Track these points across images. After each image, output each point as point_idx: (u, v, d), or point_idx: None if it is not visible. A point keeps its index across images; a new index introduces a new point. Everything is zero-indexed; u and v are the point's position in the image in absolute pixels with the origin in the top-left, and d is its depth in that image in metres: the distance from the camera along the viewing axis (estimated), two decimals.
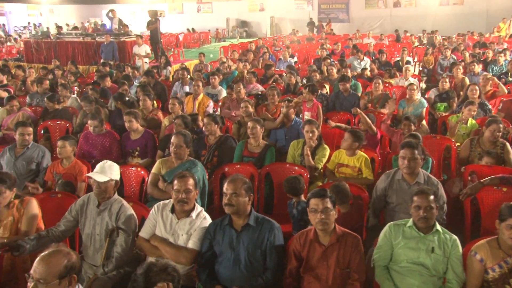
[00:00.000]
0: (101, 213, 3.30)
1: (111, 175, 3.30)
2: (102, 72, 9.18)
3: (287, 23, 29.01)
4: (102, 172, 3.29)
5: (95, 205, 3.33)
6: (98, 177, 3.25)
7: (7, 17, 25.45)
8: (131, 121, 5.16)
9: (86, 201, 3.39)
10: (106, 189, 3.28)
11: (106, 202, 3.31)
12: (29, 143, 4.72)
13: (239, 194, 2.97)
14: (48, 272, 2.11)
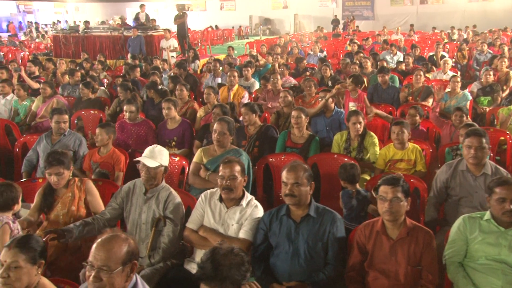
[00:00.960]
0: (148, 201, 3.10)
1: (161, 161, 3.09)
2: (131, 64, 9.06)
3: (311, 21, 28.72)
4: (152, 156, 3.08)
5: (142, 192, 3.13)
6: (148, 161, 3.05)
7: (35, 14, 25.80)
8: (169, 109, 4.97)
9: (132, 187, 3.19)
10: (155, 175, 3.07)
11: (153, 189, 3.11)
12: (65, 130, 4.56)
13: (301, 183, 2.73)
14: (111, 259, 1.92)
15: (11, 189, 2.89)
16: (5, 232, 2.77)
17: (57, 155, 3.25)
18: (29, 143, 4.93)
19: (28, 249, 2.16)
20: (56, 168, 3.20)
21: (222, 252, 1.89)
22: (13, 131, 5.59)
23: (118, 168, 4.24)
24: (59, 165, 3.21)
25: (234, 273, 1.87)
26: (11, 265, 2.11)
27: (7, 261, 2.11)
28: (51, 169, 3.20)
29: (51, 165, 3.20)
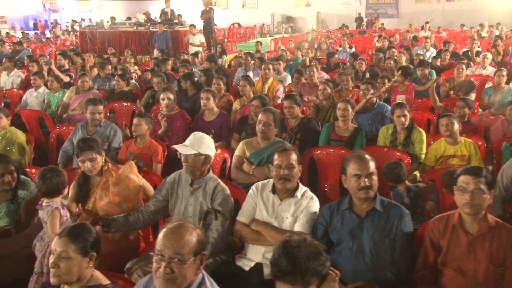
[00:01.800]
0: (194, 193, 2.90)
1: (199, 149, 2.84)
2: (159, 59, 8.96)
3: (333, 19, 28.37)
4: (190, 144, 2.87)
5: (188, 183, 2.94)
6: (183, 149, 2.85)
7: (60, 13, 26.10)
8: (208, 99, 4.80)
9: (177, 179, 3.00)
10: (194, 165, 2.84)
11: (200, 180, 2.91)
12: (100, 121, 4.44)
13: (375, 173, 2.54)
14: (183, 248, 1.75)
15: (58, 174, 2.76)
16: (55, 217, 2.64)
17: (87, 141, 3.13)
18: (64, 134, 4.81)
19: (80, 239, 2.00)
20: (88, 153, 3.05)
21: (295, 244, 1.70)
22: (46, 123, 5.50)
23: (156, 159, 4.07)
24: (90, 150, 3.06)
25: (313, 264, 1.68)
26: (61, 255, 1.95)
27: (57, 250, 1.95)
28: (83, 155, 3.05)
29: (82, 151, 3.06)
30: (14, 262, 3.14)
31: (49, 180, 2.70)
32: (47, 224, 2.63)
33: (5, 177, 3.11)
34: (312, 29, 21.53)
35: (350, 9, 27.81)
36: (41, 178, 2.72)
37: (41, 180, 2.72)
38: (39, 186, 2.76)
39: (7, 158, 3.22)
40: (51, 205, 2.66)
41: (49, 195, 2.71)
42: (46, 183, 2.70)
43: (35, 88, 6.56)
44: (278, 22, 29.64)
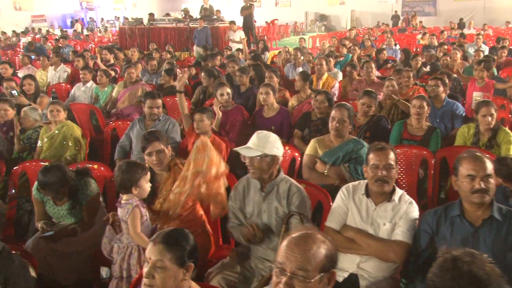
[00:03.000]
0: (266, 198, 2.62)
1: (264, 149, 2.50)
2: (207, 54, 8.78)
3: (368, 17, 27.83)
4: (253, 145, 2.54)
5: (258, 188, 2.66)
6: (247, 151, 2.53)
7: (96, 11, 26.44)
8: (268, 94, 4.54)
9: (246, 184, 2.73)
10: (261, 167, 2.53)
11: (271, 183, 2.61)
12: (158, 116, 4.24)
13: (492, 175, 2.22)
14: (309, 262, 1.47)
15: (134, 168, 2.54)
16: (136, 216, 2.43)
17: (154, 133, 2.97)
18: (118, 129, 4.65)
19: (176, 247, 1.76)
20: (156, 144, 2.85)
21: (467, 259, 1.39)
22: (97, 117, 5.36)
23: None
24: (158, 141, 2.86)
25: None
26: (156, 264, 1.71)
27: (152, 259, 1.72)
28: (151, 147, 2.85)
29: (149, 142, 2.86)
30: (79, 262, 2.97)
31: (124, 173, 2.48)
32: (128, 223, 2.42)
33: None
34: (352, 26, 21.09)
35: (386, 7, 27.19)
36: (117, 170, 2.52)
37: (116, 172, 2.52)
38: (115, 178, 2.55)
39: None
40: (131, 202, 2.45)
41: (124, 190, 2.50)
42: (120, 176, 2.50)
43: (83, 82, 6.46)
44: (312, 20, 29.27)
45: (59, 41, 12.60)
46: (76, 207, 3.02)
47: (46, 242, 2.84)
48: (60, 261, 2.86)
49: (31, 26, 21.75)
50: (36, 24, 22.56)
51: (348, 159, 3.44)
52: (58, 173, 2.83)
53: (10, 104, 4.64)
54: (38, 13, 23.35)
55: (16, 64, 9.59)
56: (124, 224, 2.47)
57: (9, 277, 2.03)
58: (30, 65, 8.35)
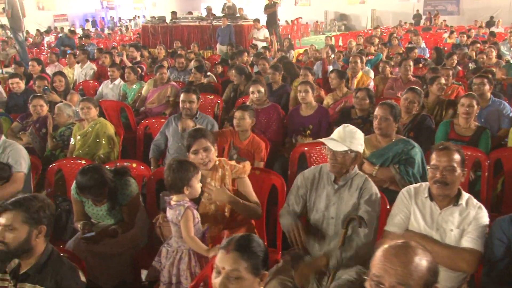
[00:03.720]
0: (338, 191, 2.51)
1: (350, 145, 2.45)
2: (238, 50, 8.66)
3: (389, 16, 27.42)
4: (340, 139, 2.47)
5: (331, 180, 2.54)
6: (334, 144, 2.45)
7: (116, 10, 26.64)
8: (307, 92, 4.38)
9: (317, 175, 2.60)
10: (343, 162, 2.46)
11: (345, 176, 2.51)
12: (192, 112, 4.07)
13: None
14: (410, 278, 1.31)
15: (186, 167, 2.39)
16: (188, 218, 2.28)
17: (200, 130, 2.81)
18: (151, 126, 4.54)
19: (251, 255, 1.61)
20: (202, 141, 2.69)
21: None
22: (127, 114, 5.26)
23: (258, 157, 3.69)
24: (204, 138, 2.70)
25: None
26: (230, 275, 1.57)
27: (226, 269, 1.57)
28: (197, 144, 2.68)
29: (196, 139, 2.69)
30: (120, 264, 2.86)
31: (175, 172, 2.34)
32: (181, 226, 2.28)
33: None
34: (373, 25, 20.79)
35: (407, 5, 26.81)
36: (168, 169, 2.38)
37: (167, 171, 2.37)
38: (165, 178, 2.41)
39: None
40: (183, 204, 2.31)
41: (174, 190, 2.35)
42: (171, 176, 2.35)
43: (111, 80, 6.39)
44: (331, 20, 28.99)
45: (82, 40, 12.61)
46: (116, 208, 2.90)
47: (87, 244, 2.72)
48: (101, 263, 2.74)
49: (53, 25, 21.95)
50: (58, 23, 22.81)
51: (398, 160, 3.26)
52: (96, 175, 2.70)
53: (44, 100, 4.57)
54: (60, 13, 23.58)
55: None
56: (174, 227, 2.33)
57: (60, 281, 1.91)
58: (57, 63, 8.33)
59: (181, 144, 3.92)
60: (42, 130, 4.47)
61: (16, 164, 3.33)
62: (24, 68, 7.39)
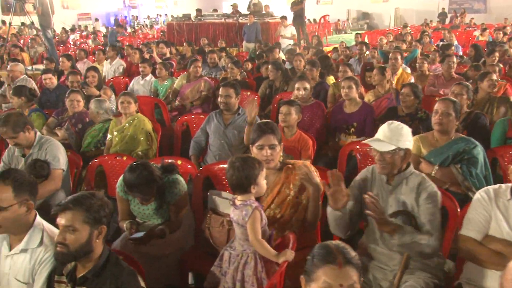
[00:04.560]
0: (394, 191, 2.31)
1: (398, 143, 2.24)
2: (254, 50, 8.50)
3: (413, 14, 26.94)
4: (386, 138, 2.26)
5: (384, 181, 2.35)
6: (380, 145, 2.25)
7: (139, 9, 26.77)
8: (350, 88, 4.18)
9: (370, 175, 2.42)
10: (393, 162, 2.25)
11: (399, 175, 2.31)
12: (232, 107, 3.89)
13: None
14: None
15: (250, 165, 2.18)
16: (256, 220, 2.09)
17: (269, 124, 2.53)
18: (190, 123, 4.40)
19: (358, 265, 1.46)
20: (270, 137, 2.45)
21: None
22: (162, 110, 5.14)
23: (306, 154, 3.51)
24: (272, 134, 2.47)
25: None
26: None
27: (344, 285, 1.41)
28: (264, 139, 2.44)
29: (263, 133, 2.45)
30: (167, 266, 2.71)
31: (240, 171, 2.15)
32: (248, 228, 2.10)
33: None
34: (404, 22, 20.39)
35: (431, 4, 26.28)
36: (231, 168, 2.19)
37: (230, 170, 2.19)
38: (229, 177, 2.23)
39: None
40: (250, 204, 2.12)
41: (240, 189, 2.17)
42: (236, 175, 2.16)
43: (142, 76, 6.29)
44: (353, 19, 28.63)
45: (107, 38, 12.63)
46: (163, 207, 2.76)
47: (134, 245, 2.58)
48: (149, 265, 2.59)
49: (77, 24, 22.14)
50: (82, 22, 22.98)
51: (459, 160, 3.04)
52: (145, 172, 2.56)
53: (81, 95, 4.47)
54: (84, 11, 23.78)
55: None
56: (239, 229, 2.15)
57: (120, 287, 1.76)
58: (85, 59, 8.29)
59: (223, 141, 3.77)
60: (78, 125, 4.37)
61: (54, 161, 3.22)
62: (55, 65, 7.36)
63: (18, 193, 1.99)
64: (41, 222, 2.07)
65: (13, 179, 2.01)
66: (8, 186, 1.99)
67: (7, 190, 1.98)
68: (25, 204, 2.02)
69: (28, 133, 3.21)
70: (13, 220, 1.97)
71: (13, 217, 1.97)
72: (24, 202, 2.01)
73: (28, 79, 6.13)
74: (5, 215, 1.95)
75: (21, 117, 3.24)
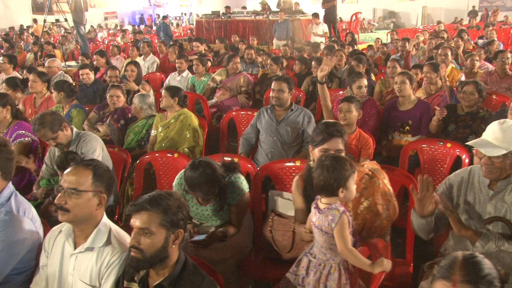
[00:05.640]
0: (494, 197, 2.07)
1: (510, 146, 1.98)
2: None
3: (441, 13, 26.34)
4: (497, 140, 2.00)
5: (485, 184, 2.11)
6: (489, 150, 1.99)
7: (164, 8, 26.84)
8: (404, 83, 3.94)
9: (467, 177, 2.17)
10: (503, 167, 1.99)
11: (504, 181, 2.06)
12: (282, 101, 3.67)
13: None
14: None
15: (343, 164, 1.94)
16: (344, 226, 1.86)
17: (336, 126, 2.30)
18: (236, 119, 4.22)
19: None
20: (337, 141, 2.24)
21: None
22: (202, 106, 4.98)
23: (366, 154, 3.29)
24: (341, 137, 2.26)
25: None
26: None
27: None
28: (330, 142, 2.22)
29: (330, 137, 2.23)
30: (225, 272, 2.51)
31: (330, 171, 1.92)
32: (335, 235, 1.87)
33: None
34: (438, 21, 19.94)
35: (461, 2, 25.68)
36: (320, 167, 1.96)
37: (318, 170, 1.96)
38: (316, 177, 1.98)
39: None
40: (336, 207, 1.91)
41: (327, 192, 1.94)
42: (325, 175, 1.91)
43: (178, 72, 6.15)
44: (379, 17, 28.15)
45: (136, 35, 12.60)
46: (224, 208, 2.58)
47: (195, 248, 2.40)
48: None
49: (103, 23, 22.30)
50: (108, 20, 23.14)
51: None
52: (208, 170, 2.38)
53: (122, 90, 4.34)
54: (110, 10, 23.95)
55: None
56: (322, 236, 1.92)
57: None
58: (118, 56, 8.22)
59: (275, 138, 3.57)
60: (120, 121, 4.24)
61: (89, 154, 3.06)
62: (90, 61, 7.29)
63: (96, 181, 1.87)
64: (108, 222, 1.91)
65: (95, 166, 1.90)
66: (89, 171, 1.87)
67: (88, 175, 1.86)
68: (99, 197, 1.88)
69: (66, 131, 3.07)
70: (83, 208, 1.83)
71: (85, 205, 1.83)
72: (99, 194, 1.87)
73: (65, 75, 6.05)
74: (78, 201, 1.82)
75: (56, 115, 3.09)
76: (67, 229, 1.93)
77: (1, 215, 2.00)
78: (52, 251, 1.95)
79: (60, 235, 1.95)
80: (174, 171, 3.12)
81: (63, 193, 1.82)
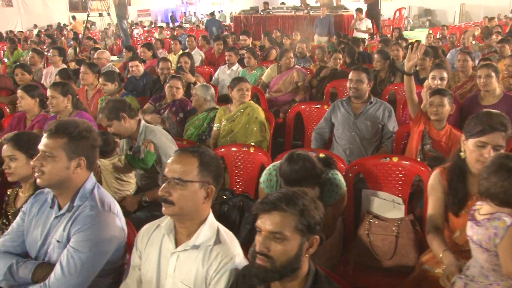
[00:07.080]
0: None
1: None
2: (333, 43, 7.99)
3: (480, 11, 25.47)
4: None
5: None
6: None
7: (196, 6, 26.88)
8: (489, 77, 3.63)
9: None
10: None
11: None
12: (360, 93, 3.38)
13: None
14: None
15: None
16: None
17: (502, 118, 2.01)
18: (303, 113, 3.96)
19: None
20: (501, 135, 1.96)
21: None
22: (260, 100, 4.73)
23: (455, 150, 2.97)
24: (504, 133, 1.97)
25: None
26: None
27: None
28: (490, 136, 1.95)
29: (493, 130, 1.95)
30: None
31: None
32: (500, 253, 1.53)
33: None
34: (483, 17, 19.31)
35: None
36: (502, 170, 1.62)
37: (499, 174, 1.62)
38: (488, 186, 1.64)
39: None
40: (501, 218, 1.55)
41: (502, 202, 1.59)
42: (505, 186, 1.58)
43: (228, 65, 5.93)
44: (415, 15, 27.44)
45: (175, 31, 12.53)
46: None
47: None
48: None
49: (137, 20, 22.43)
50: (142, 18, 23.30)
51: None
52: (308, 164, 2.12)
53: (181, 82, 4.14)
54: (144, 8, 24.13)
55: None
56: (483, 254, 1.58)
57: None
58: (161, 50, 8.10)
59: (354, 133, 3.29)
60: (179, 114, 4.04)
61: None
62: (132, 53, 7.16)
63: (203, 170, 1.62)
64: (215, 221, 1.68)
65: (202, 153, 1.64)
66: (195, 159, 1.62)
67: (194, 163, 1.61)
68: (206, 189, 1.63)
69: (124, 122, 2.82)
70: (189, 201, 1.60)
71: (191, 198, 1.59)
72: (206, 185, 1.63)
73: (113, 66, 5.92)
74: (184, 192, 1.58)
75: (118, 103, 2.87)
76: (168, 224, 1.69)
77: (86, 209, 1.79)
78: (146, 250, 1.73)
79: (157, 231, 1.72)
80: (249, 167, 2.89)
81: (167, 183, 1.59)
